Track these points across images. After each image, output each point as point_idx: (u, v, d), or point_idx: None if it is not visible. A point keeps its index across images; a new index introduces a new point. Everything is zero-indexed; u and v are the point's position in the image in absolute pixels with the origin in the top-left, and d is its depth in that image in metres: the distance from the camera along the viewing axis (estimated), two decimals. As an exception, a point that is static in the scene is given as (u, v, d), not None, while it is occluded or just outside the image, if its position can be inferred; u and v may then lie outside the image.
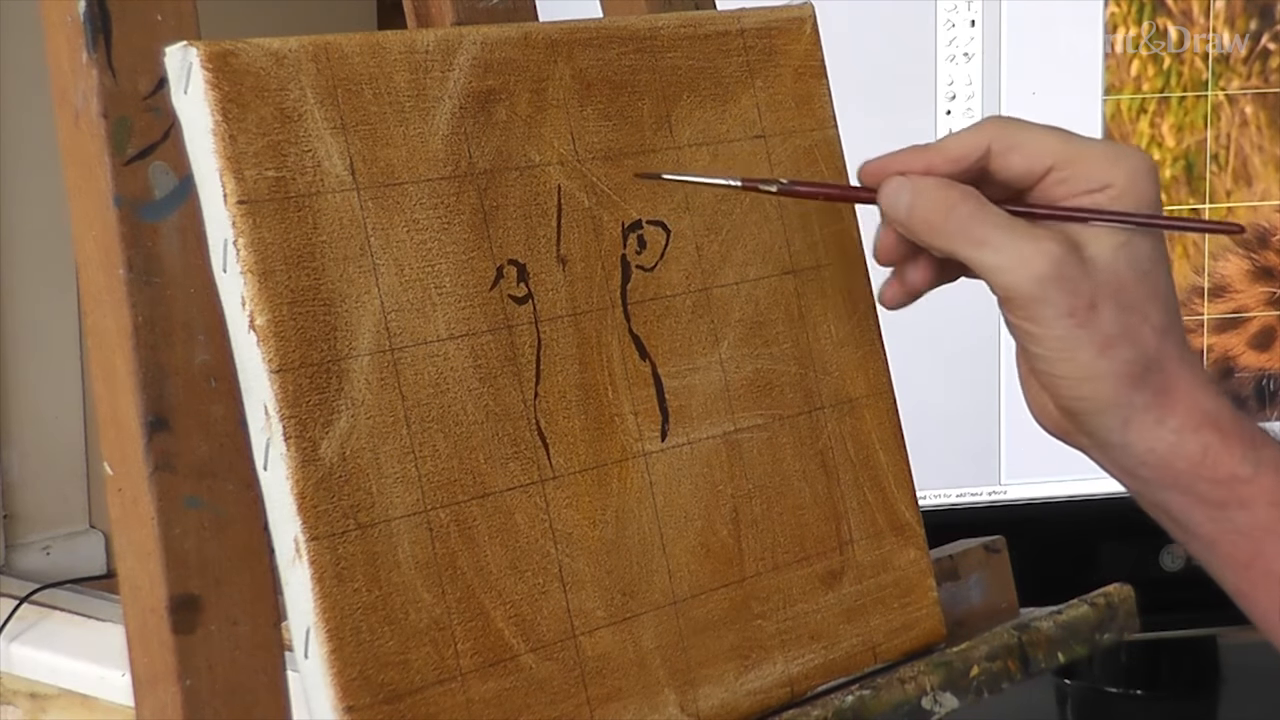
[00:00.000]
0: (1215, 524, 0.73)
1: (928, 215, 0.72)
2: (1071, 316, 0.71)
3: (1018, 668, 0.83)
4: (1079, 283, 0.71)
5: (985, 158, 0.74)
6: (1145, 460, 0.73)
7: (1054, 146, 0.74)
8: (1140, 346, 0.72)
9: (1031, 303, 0.71)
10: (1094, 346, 0.71)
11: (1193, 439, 0.72)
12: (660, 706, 0.72)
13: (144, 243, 0.66)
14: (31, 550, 1.32)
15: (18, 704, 1.19)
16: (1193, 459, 0.72)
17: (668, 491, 0.74)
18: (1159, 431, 0.72)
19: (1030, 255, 0.71)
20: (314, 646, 0.63)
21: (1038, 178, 0.74)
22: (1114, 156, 0.74)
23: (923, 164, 0.74)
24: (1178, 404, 0.72)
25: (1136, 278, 0.72)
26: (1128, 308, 0.72)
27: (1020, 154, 0.74)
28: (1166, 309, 0.73)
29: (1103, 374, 0.72)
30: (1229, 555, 0.74)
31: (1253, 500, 0.72)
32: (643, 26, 0.77)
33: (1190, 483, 0.73)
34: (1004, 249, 0.71)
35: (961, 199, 0.72)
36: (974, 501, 1.29)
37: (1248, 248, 1.32)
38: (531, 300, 0.71)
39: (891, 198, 0.74)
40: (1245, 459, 0.72)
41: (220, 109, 0.64)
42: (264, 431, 0.64)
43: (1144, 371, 0.72)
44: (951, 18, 1.27)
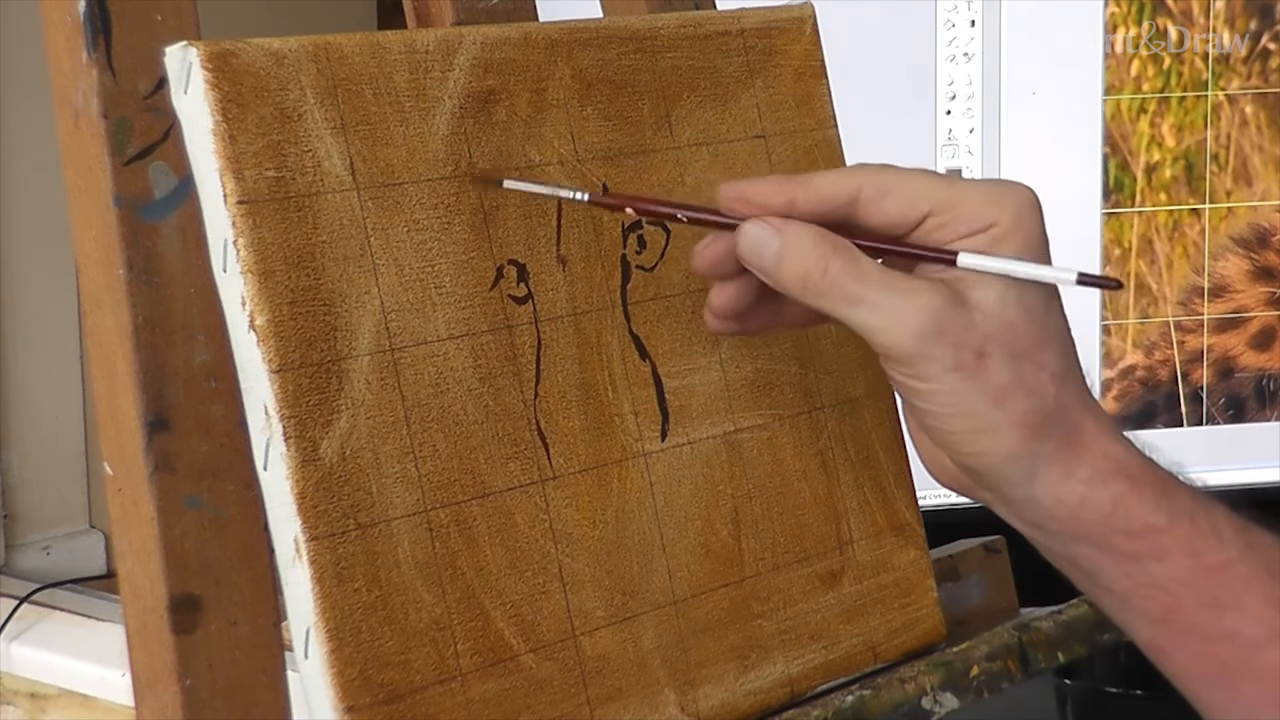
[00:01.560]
0: (1129, 577, 0.69)
1: (800, 269, 0.68)
2: (958, 370, 0.67)
3: (1018, 668, 0.83)
4: (963, 334, 0.67)
5: (854, 203, 0.69)
6: (1053, 514, 0.69)
7: (930, 190, 0.69)
8: (1038, 395, 0.68)
9: (914, 359, 0.67)
10: (987, 398, 0.67)
11: (1103, 489, 0.68)
12: (660, 706, 0.72)
13: (144, 243, 0.66)
14: (31, 550, 1.32)
15: (18, 704, 1.19)
16: (1103, 510, 0.68)
17: (668, 491, 0.74)
18: (1067, 483, 0.68)
19: (907, 311, 0.67)
20: (314, 646, 0.63)
21: (913, 224, 0.69)
22: (994, 194, 0.69)
23: (785, 199, 0.69)
24: (1084, 453, 0.68)
25: (1028, 322, 0.68)
26: (1020, 355, 0.67)
27: (894, 199, 0.69)
28: (1063, 353, 0.69)
29: (1000, 425, 0.67)
30: (1143, 609, 0.70)
31: (1167, 551, 0.68)
32: (643, 26, 0.77)
33: (1101, 535, 0.69)
34: (879, 306, 0.67)
35: (834, 253, 0.67)
36: (974, 501, 1.29)
37: (1247, 248, 1.32)
38: (531, 300, 0.71)
39: (756, 245, 0.69)
40: (1158, 508, 0.68)
41: (220, 109, 0.64)
42: (264, 431, 0.64)
43: (1044, 421, 0.68)
44: (951, 18, 1.27)
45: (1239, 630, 0.69)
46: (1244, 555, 0.69)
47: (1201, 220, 1.31)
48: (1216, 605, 0.69)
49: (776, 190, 0.70)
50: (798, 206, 0.69)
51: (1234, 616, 0.69)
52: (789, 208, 0.69)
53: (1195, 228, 1.31)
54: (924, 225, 0.69)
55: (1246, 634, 0.69)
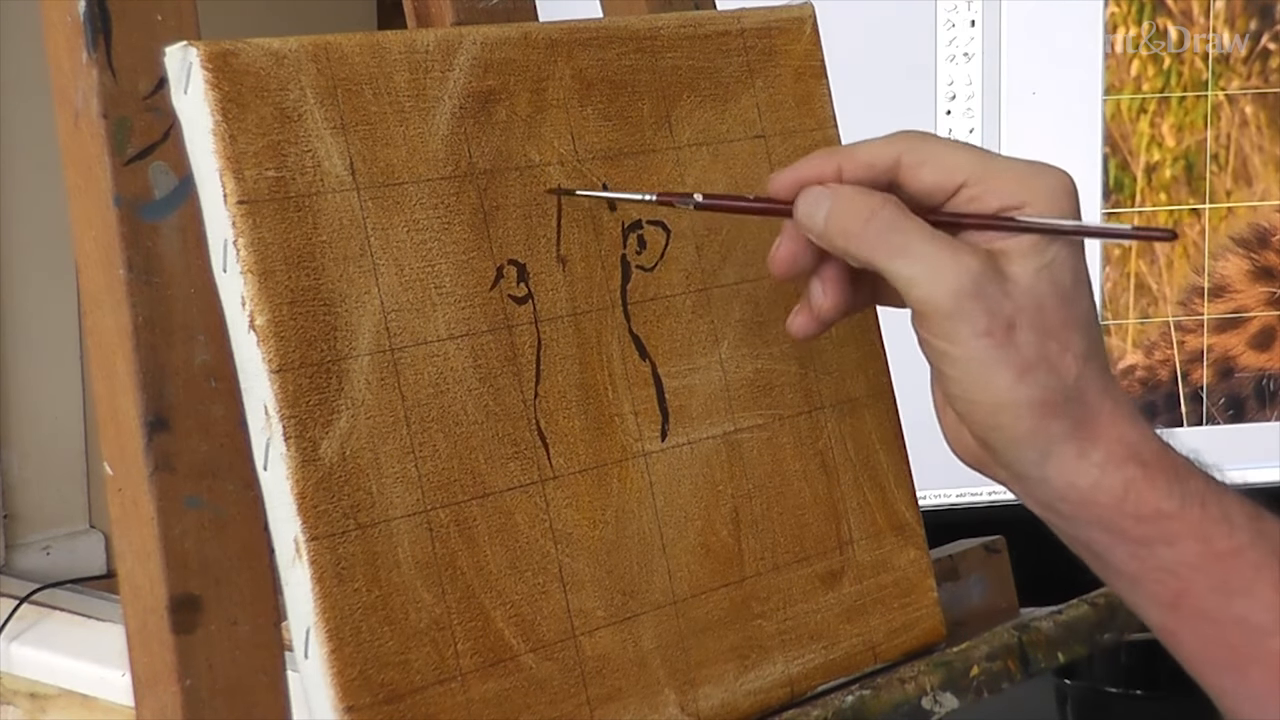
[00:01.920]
0: (1139, 561, 0.70)
1: (846, 222, 0.69)
2: (988, 336, 0.67)
3: (1018, 668, 0.83)
4: (998, 301, 0.68)
5: (896, 169, 0.71)
6: (1065, 496, 0.69)
7: (967, 162, 0.70)
8: (1060, 374, 0.68)
9: (947, 319, 0.68)
10: (1011, 371, 0.68)
11: (1115, 473, 0.69)
12: (660, 706, 0.72)
13: (144, 243, 0.66)
14: (31, 550, 1.32)
15: (18, 704, 1.19)
16: (1115, 494, 0.69)
17: (668, 491, 0.74)
18: (1080, 465, 0.69)
19: (949, 268, 0.68)
20: (314, 646, 0.63)
21: (948, 194, 0.70)
22: (1030, 174, 0.70)
23: (833, 167, 0.71)
24: (1100, 436, 0.69)
25: (1058, 302, 0.69)
26: (1048, 332, 0.68)
27: (931, 168, 0.70)
28: (1089, 336, 0.70)
29: (1020, 401, 0.68)
30: (1154, 594, 0.70)
31: (1178, 536, 0.69)
32: (643, 26, 0.77)
33: (1113, 519, 0.69)
34: (922, 259, 0.68)
35: (881, 205, 0.69)
36: (974, 501, 1.29)
37: (1247, 248, 1.32)
38: (531, 300, 0.71)
39: (810, 206, 0.71)
40: (1170, 493, 0.69)
41: (220, 109, 0.64)
42: (264, 431, 0.64)
43: (1064, 401, 0.68)
44: (951, 18, 1.27)
45: (1248, 616, 0.69)
46: (1255, 542, 0.69)
47: (1201, 220, 1.31)
48: (1226, 591, 0.69)
49: (825, 160, 0.72)
50: (846, 175, 0.71)
51: (1244, 602, 0.69)
52: (839, 176, 0.71)
53: (1195, 228, 1.31)
54: (958, 196, 0.70)
55: (1256, 620, 0.69)
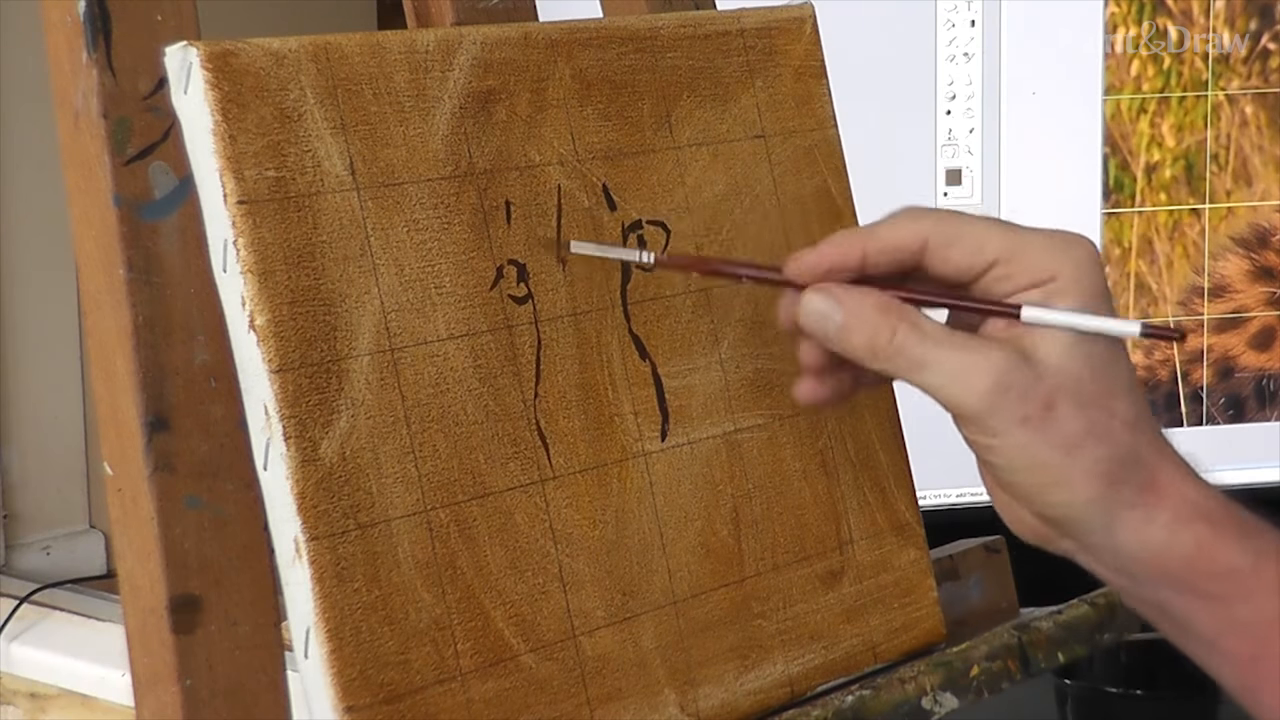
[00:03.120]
0: (1216, 620, 0.69)
1: (864, 340, 0.69)
2: (1027, 423, 0.68)
3: (1018, 668, 0.83)
4: (1030, 387, 0.68)
5: (922, 252, 0.70)
6: (1137, 558, 0.69)
7: (996, 240, 0.70)
8: (1111, 443, 0.68)
9: (982, 416, 0.68)
10: (1058, 449, 0.68)
11: (1185, 533, 0.69)
12: (660, 706, 0.72)
13: (144, 243, 0.66)
14: (31, 550, 1.32)
15: (18, 704, 1.19)
16: (1187, 554, 0.68)
17: (668, 491, 0.74)
18: (1149, 529, 0.69)
19: (974, 369, 0.68)
20: (314, 646, 0.63)
21: (979, 273, 0.70)
22: (1058, 247, 0.70)
23: (857, 253, 0.70)
24: (1164, 498, 0.69)
25: (1094, 373, 0.69)
26: (1089, 404, 0.68)
27: (960, 248, 0.70)
28: (1134, 401, 0.70)
29: (1073, 475, 0.68)
30: (1232, 652, 0.70)
31: (1254, 592, 0.68)
32: (643, 26, 0.77)
33: (1187, 579, 0.69)
34: (945, 367, 0.68)
35: (899, 319, 0.69)
36: (974, 501, 1.29)
37: (1247, 248, 1.32)
38: (531, 300, 0.71)
39: (818, 317, 0.70)
40: (1243, 550, 0.69)
41: (220, 109, 0.64)
42: (264, 431, 0.64)
43: (1119, 468, 0.68)
44: (951, 18, 1.27)
45: None
46: None
47: (1201, 220, 1.31)
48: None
49: (847, 246, 0.70)
50: (869, 262, 0.70)
51: None
52: (862, 265, 0.70)
53: (1195, 228, 1.31)
54: (989, 274, 0.70)
55: None
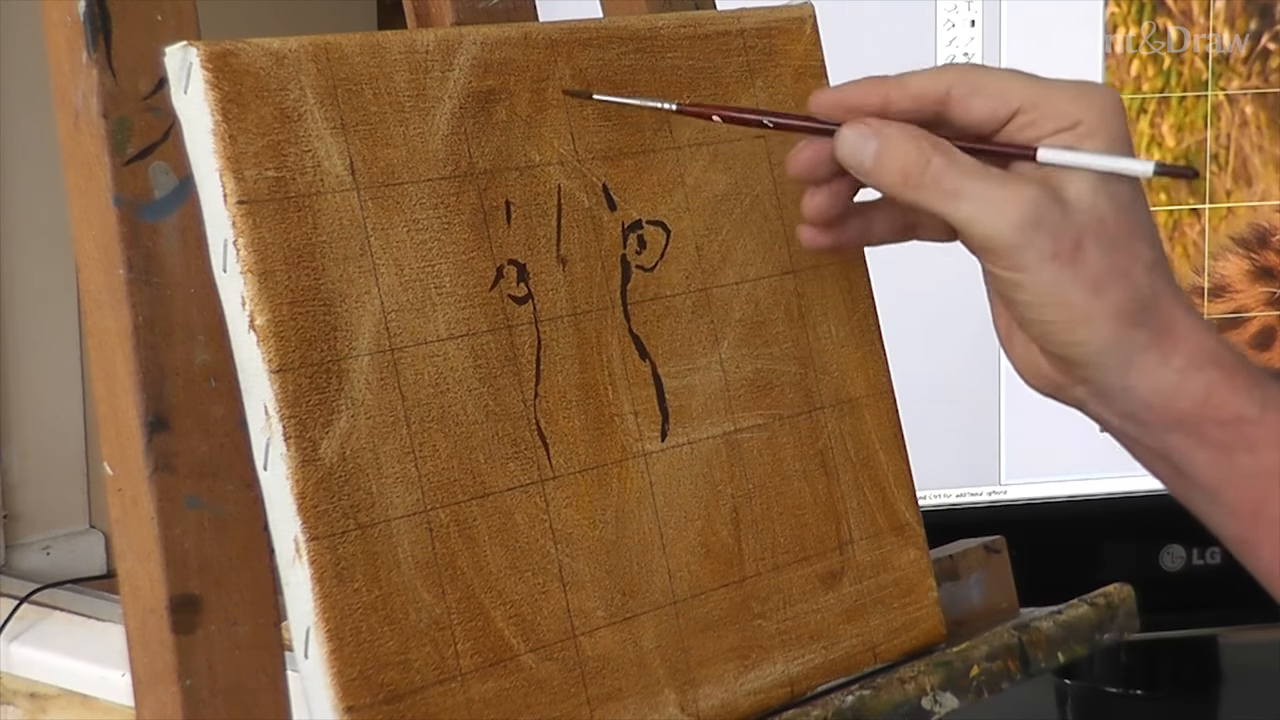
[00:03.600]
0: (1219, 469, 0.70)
1: (899, 166, 0.70)
2: (1056, 259, 0.68)
3: (1018, 668, 0.83)
4: (1060, 224, 0.69)
5: (946, 100, 0.71)
6: (1149, 402, 0.70)
7: (1019, 88, 0.71)
8: (1133, 284, 0.70)
9: (1013, 250, 0.69)
10: (1084, 287, 0.69)
11: (1197, 377, 0.70)
12: (660, 706, 0.72)
13: (144, 243, 0.66)
14: (31, 550, 1.32)
15: (18, 704, 1.19)
16: (1197, 398, 0.69)
17: (668, 491, 0.74)
18: (1162, 371, 0.70)
19: (1007, 201, 0.68)
20: (314, 646, 0.63)
21: (1002, 121, 0.71)
22: (1081, 94, 0.71)
23: (879, 97, 0.71)
24: (1180, 341, 0.70)
25: (1119, 215, 0.70)
26: (1114, 246, 0.69)
27: (984, 97, 0.71)
28: (1153, 245, 0.71)
29: (1097, 315, 0.69)
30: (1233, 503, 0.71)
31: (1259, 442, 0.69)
32: (643, 26, 0.77)
33: (1195, 423, 0.70)
34: (979, 198, 0.69)
35: (934, 150, 0.70)
36: (974, 501, 1.29)
37: (1247, 248, 1.32)
38: (531, 300, 0.71)
39: (854, 145, 0.71)
40: (1251, 399, 0.70)
41: (220, 109, 0.64)
42: (264, 431, 0.64)
43: (1140, 309, 0.70)
44: (951, 18, 1.27)
45: None
46: None
47: (1201, 220, 1.31)
48: None
49: (870, 90, 0.71)
50: (892, 106, 0.71)
51: None
52: (883, 107, 0.71)
53: (1195, 228, 1.31)
54: (1013, 123, 0.71)
55: None
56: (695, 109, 0.75)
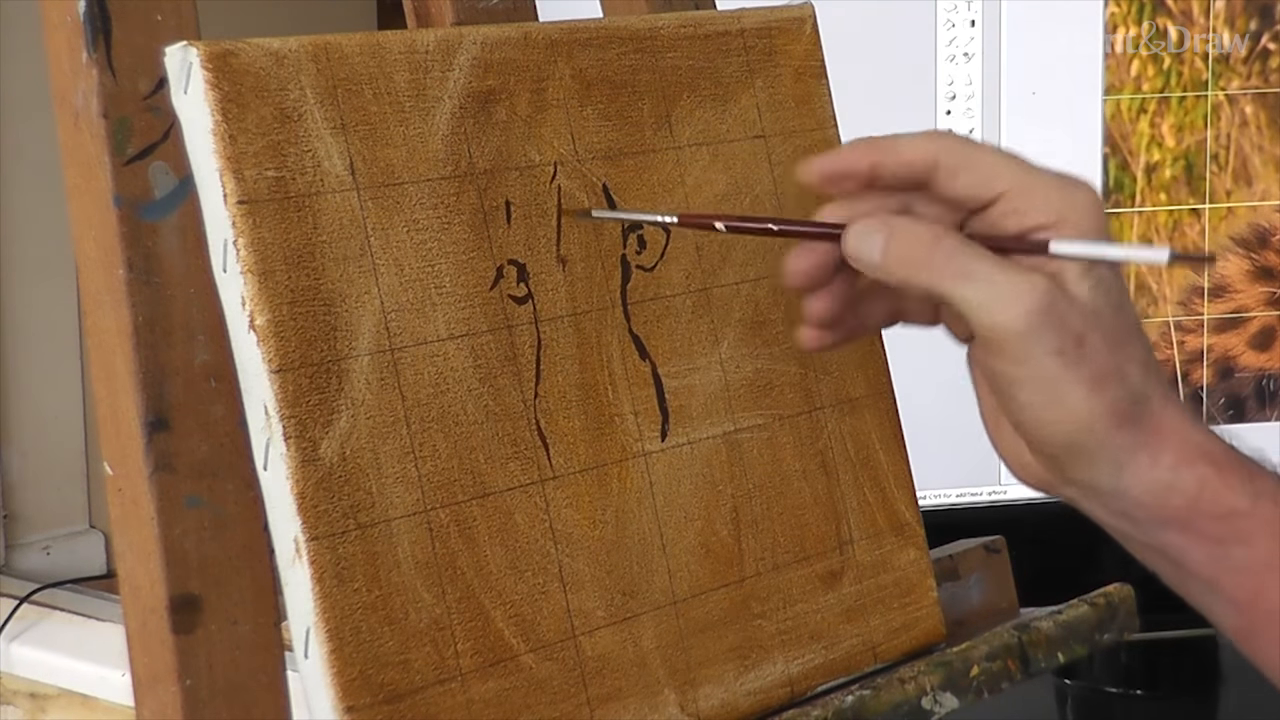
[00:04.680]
0: (1215, 563, 0.70)
1: (908, 249, 0.68)
2: (1060, 354, 0.67)
3: (1018, 668, 0.83)
4: (1067, 318, 0.67)
5: (933, 170, 0.70)
6: (1141, 501, 0.70)
7: (1008, 172, 0.69)
8: (1128, 383, 0.69)
9: (1019, 340, 0.67)
10: (1084, 385, 0.68)
11: (1188, 474, 0.69)
12: (660, 706, 0.72)
13: (144, 243, 0.66)
14: (31, 550, 1.32)
15: (18, 704, 1.19)
16: (1189, 495, 0.69)
17: (668, 491, 0.74)
18: (1154, 471, 0.69)
19: (1020, 289, 0.67)
20: (314, 646, 0.63)
21: (984, 203, 0.70)
22: (1065, 188, 0.69)
23: (869, 162, 0.70)
24: (1169, 439, 0.69)
25: (1115, 313, 0.69)
26: (1113, 343, 0.68)
27: (972, 175, 0.69)
28: (1144, 344, 0.70)
29: (1094, 414, 0.68)
30: (1230, 595, 0.70)
31: (1253, 535, 0.69)
32: (643, 26, 0.77)
33: (1188, 520, 0.69)
34: (992, 282, 0.67)
35: (945, 232, 0.68)
36: (974, 501, 1.29)
37: (1247, 248, 1.32)
38: (531, 300, 0.71)
39: (863, 239, 0.69)
40: (1243, 491, 0.69)
41: (220, 109, 0.64)
42: (264, 431, 0.64)
43: (1133, 407, 0.69)
44: (951, 18, 1.27)
45: None
46: None
47: (1201, 220, 1.31)
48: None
49: (861, 155, 0.71)
50: (881, 171, 0.70)
51: None
52: (874, 170, 0.70)
53: (1195, 228, 1.31)
54: (995, 206, 0.69)
55: None
56: (697, 219, 0.73)
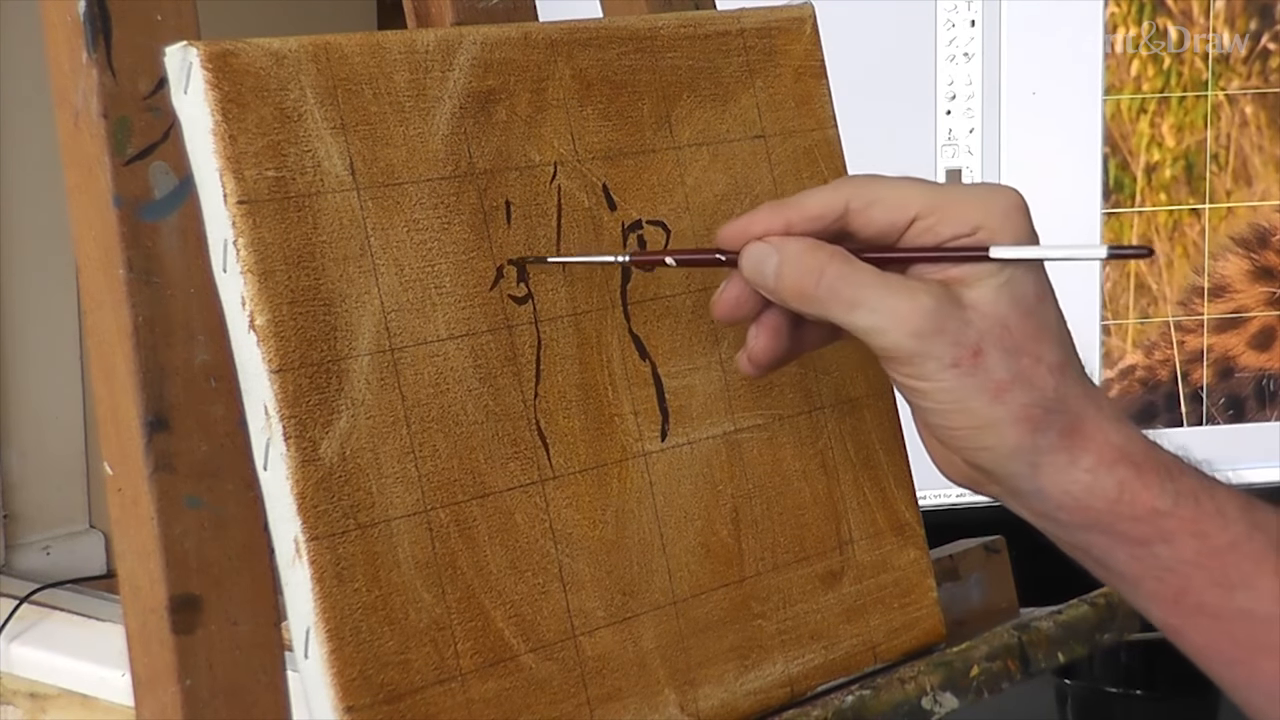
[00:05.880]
0: (1139, 562, 0.70)
1: (797, 280, 0.69)
2: (956, 366, 0.68)
3: (1018, 668, 0.83)
4: (960, 331, 0.68)
5: (844, 216, 0.71)
6: (1061, 504, 0.70)
7: (916, 196, 0.70)
8: (1037, 388, 0.69)
9: (913, 358, 0.68)
10: (986, 394, 0.68)
11: (1108, 476, 0.70)
12: (660, 706, 0.72)
13: (144, 243, 0.66)
14: (31, 550, 1.32)
15: (18, 704, 1.19)
16: (1109, 497, 0.70)
17: (668, 491, 0.74)
18: (1072, 473, 0.70)
19: (905, 311, 0.68)
20: (314, 646, 0.63)
21: (901, 230, 0.70)
22: (981, 198, 0.70)
23: (781, 223, 0.71)
24: (1088, 442, 0.70)
25: (1022, 318, 0.69)
26: (1016, 350, 0.69)
27: (882, 207, 0.70)
28: (1061, 345, 0.70)
29: (1000, 420, 0.69)
30: (1156, 593, 0.71)
31: (1174, 534, 0.69)
32: (643, 26, 0.77)
33: (1110, 522, 0.70)
34: (877, 309, 0.68)
35: (829, 259, 0.69)
36: (974, 501, 1.29)
37: (1247, 248, 1.32)
38: (531, 300, 0.71)
39: (757, 263, 0.70)
40: (1164, 491, 0.70)
41: (220, 109, 0.64)
42: (264, 431, 0.64)
43: (1045, 413, 0.69)
44: (951, 18, 1.27)
45: (1252, 609, 0.70)
46: (1250, 534, 0.70)
47: (1201, 220, 1.31)
48: (1227, 584, 0.70)
49: (771, 217, 0.71)
50: (794, 229, 0.71)
51: (1245, 595, 0.70)
52: (786, 230, 0.71)
53: (1195, 228, 1.31)
54: (911, 229, 0.70)
55: (1260, 612, 0.70)
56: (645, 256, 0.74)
